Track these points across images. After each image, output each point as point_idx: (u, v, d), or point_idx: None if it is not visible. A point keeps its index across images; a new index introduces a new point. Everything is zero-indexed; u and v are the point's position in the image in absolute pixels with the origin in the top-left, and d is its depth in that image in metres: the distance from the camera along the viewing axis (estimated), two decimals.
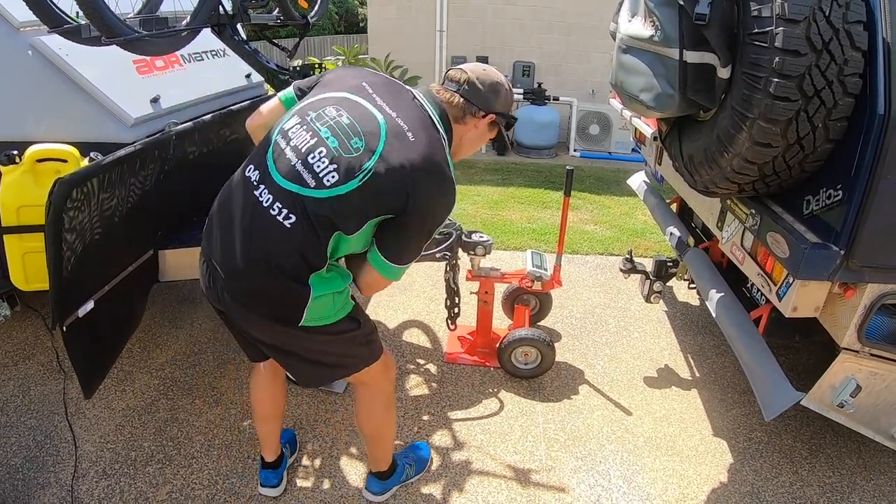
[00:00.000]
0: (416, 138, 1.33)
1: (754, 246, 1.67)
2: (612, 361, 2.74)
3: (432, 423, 2.35)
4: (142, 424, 2.21)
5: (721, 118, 1.47)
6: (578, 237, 4.13)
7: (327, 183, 1.28)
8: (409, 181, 1.29)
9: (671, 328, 3.04)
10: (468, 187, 5.19)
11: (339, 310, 1.43)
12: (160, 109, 2.33)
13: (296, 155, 1.33)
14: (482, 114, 1.46)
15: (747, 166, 1.42)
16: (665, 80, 1.50)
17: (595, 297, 3.33)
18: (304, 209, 1.30)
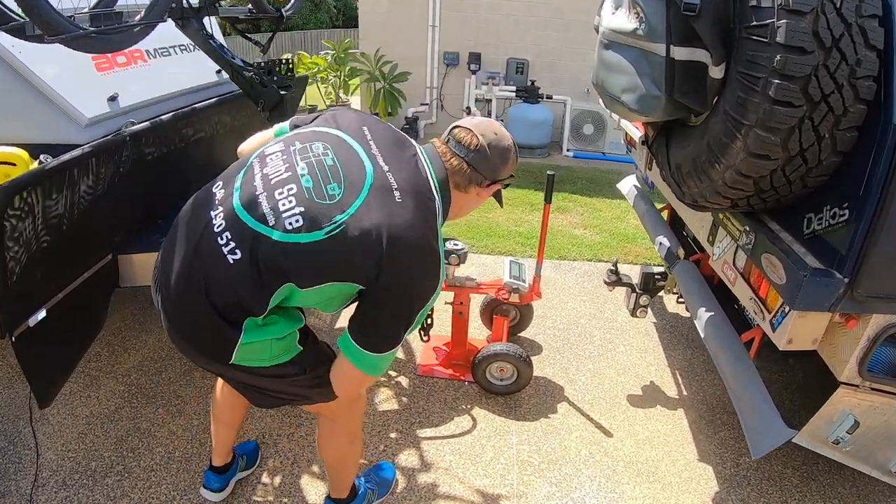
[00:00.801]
0: (404, 200, 1.13)
1: (747, 267, 1.48)
2: (594, 377, 2.55)
3: (400, 442, 2.17)
4: (104, 433, 2.11)
5: (713, 124, 1.28)
6: (566, 242, 3.94)
7: (288, 226, 1.09)
8: (382, 249, 1.08)
9: (659, 342, 2.85)
10: None
11: (278, 355, 1.24)
12: (118, 108, 2.19)
13: (263, 185, 1.16)
14: (487, 183, 1.29)
15: (741, 180, 1.22)
16: (650, 80, 1.31)
17: (580, 307, 3.14)
18: (253, 248, 1.11)
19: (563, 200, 4.71)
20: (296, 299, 1.18)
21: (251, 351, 1.18)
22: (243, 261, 1.11)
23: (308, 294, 1.14)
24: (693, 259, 2.21)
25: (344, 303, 1.23)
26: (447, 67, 6.36)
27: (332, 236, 1.07)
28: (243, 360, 1.19)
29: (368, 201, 1.10)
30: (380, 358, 1.16)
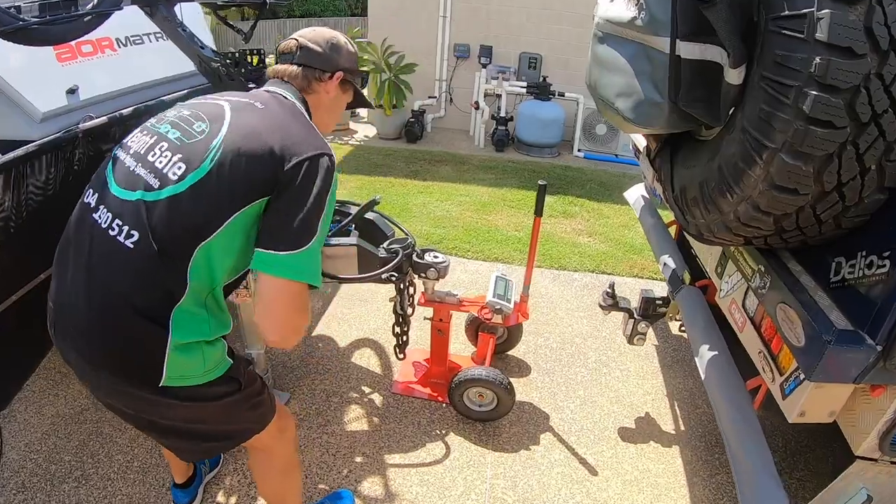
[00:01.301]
0: (267, 107, 1.14)
1: (759, 313, 1.21)
2: (584, 405, 2.30)
3: (365, 467, 1.96)
4: (67, 435, 2.04)
5: (727, 142, 1.02)
6: (568, 250, 3.67)
7: (174, 176, 1.04)
8: (269, 144, 1.05)
9: (659, 367, 2.59)
10: (456, 185, 4.74)
11: (212, 367, 1.13)
12: (77, 102, 2.02)
13: (135, 159, 1.10)
14: (328, 75, 1.27)
15: (758, 217, 0.97)
16: (650, 83, 1.06)
17: (577, 324, 2.89)
18: (149, 221, 1.03)
19: (568, 204, 4.43)
20: (214, 261, 1.06)
21: (183, 361, 1.06)
22: (143, 240, 1.02)
23: (222, 242, 1.04)
24: (699, 285, 1.95)
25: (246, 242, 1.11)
26: (457, 60, 6.08)
27: (218, 161, 1.03)
28: (174, 377, 1.06)
29: (235, 120, 1.08)
30: (304, 254, 1.03)
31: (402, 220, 3.96)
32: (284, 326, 1.06)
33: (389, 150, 5.62)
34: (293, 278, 1.03)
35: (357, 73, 1.34)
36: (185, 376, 1.09)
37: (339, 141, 5.95)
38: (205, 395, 1.13)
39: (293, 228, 1.03)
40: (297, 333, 1.11)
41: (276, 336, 1.07)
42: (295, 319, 1.07)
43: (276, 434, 1.35)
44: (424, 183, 4.77)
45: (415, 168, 5.15)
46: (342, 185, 4.62)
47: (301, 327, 1.10)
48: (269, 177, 1.03)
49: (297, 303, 1.06)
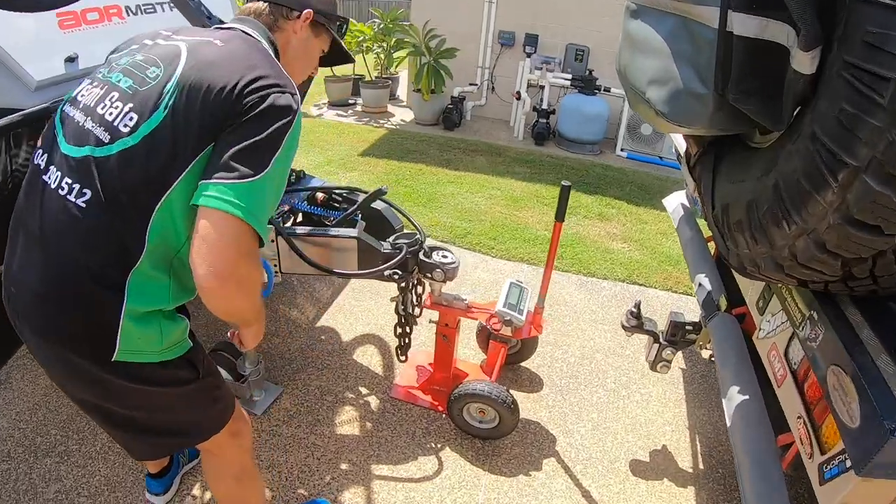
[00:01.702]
0: (227, 43, 1.02)
1: (803, 368, 0.97)
2: (596, 431, 2.08)
3: (349, 476, 1.82)
4: (55, 408, 2.00)
5: (788, 153, 0.78)
6: (599, 255, 3.41)
7: (125, 129, 0.94)
8: (227, 78, 0.93)
9: (684, 395, 2.33)
10: (488, 177, 4.51)
11: (170, 345, 1.05)
12: (76, 70, 1.91)
13: (84, 113, 1.00)
14: (296, 14, 1.16)
15: (823, 258, 0.73)
16: (691, 68, 0.83)
17: (600, 338, 2.65)
18: (100, 178, 0.94)
19: (605, 206, 4.14)
20: (178, 219, 0.96)
21: (138, 333, 0.98)
22: (94, 198, 0.93)
23: (184, 196, 0.94)
24: (737, 313, 1.68)
25: None
26: (501, 47, 5.80)
27: (172, 105, 0.93)
28: (129, 350, 0.98)
29: (191, 58, 0.97)
30: (247, 186, 0.88)
31: (427, 211, 3.79)
32: (220, 266, 0.87)
33: (424, 136, 5.43)
34: (232, 212, 0.87)
35: (333, 19, 1.22)
36: (139, 351, 1.00)
37: (375, 124, 5.80)
38: (160, 377, 1.05)
39: (238, 155, 0.90)
40: (241, 285, 0.92)
41: (207, 278, 0.88)
42: (236, 263, 0.89)
43: (229, 438, 1.25)
44: (456, 172, 4.57)
45: (448, 156, 4.95)
46: (363, 170, 4.47)
47: (247, 279, 0.93)
48: (226, 111, 0.92)
49: (240, 244, 0.89)
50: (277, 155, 0.92)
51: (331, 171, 4.43)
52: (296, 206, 1.98)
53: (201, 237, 0.88)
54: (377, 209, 1.98)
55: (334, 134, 5.39)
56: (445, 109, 5.63)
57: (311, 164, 4.52)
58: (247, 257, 0.91)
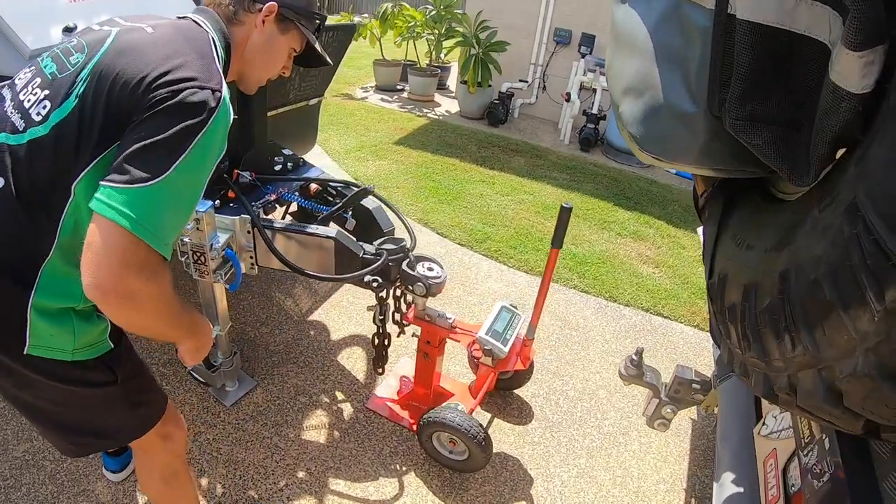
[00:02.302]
0: (157, 30, 0.93)
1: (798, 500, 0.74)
2: (580, 479, 1.87)
3: (303, 485, 1.71)
4: None
5: (813, 224, 0.54)
6: (625, 278, 3.14)
7: (38, 117, 0.88)
8: (142, 70, 0.83)
9: (688, 450, 2.07)
10: (523, 181, 4.28)
11: (84, 347, 0.97)
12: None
13: (10, 99, 0.95)
14: (259, 6, 1.05)
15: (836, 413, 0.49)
16: (677, 73, 0.60)
17: (606, 372, 2.41)
18: (12, 167, 0.88)
19: (642, 224, 3.84)
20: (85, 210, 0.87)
21: (49, 329, 0.92)
22: (5, 188, 0.88)
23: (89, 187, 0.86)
24: None
25: None
26: (556, 45, 5.50)
27: (82, 94, 0.86)
28: (40, 344, 0.92)
29: (112, 45, 0.89)
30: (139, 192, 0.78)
31: (450, 210, 3.61)
32: (103, 277, 0.79)
33: (465, 130, 5.24)
34: (118, 221, 0.77)
35: (305, 16, 1.10)
36: (51, 348, 0.94)
37: (418, 112, 5.65)
38: (73, 377, 0.99)
39: (134, 156, 0.80)
40: (130, 299, 0.81)
41: (90, 288, 0.79)
42: (121, 275, 0.79)
43: (158, 440, 1.19)
44: (490, 172, 4.37)
45: (485, 154, 4.75)
46: (393, 160, 4.32)
47: (138, 294, 0.82)
48: (132, 105, 0.83)
49: (127, 257, 0.79)
50: (182, 159, 0.80)
51: (360, 157, 4.32)
52: (284, 196, 1.85)
53: (87, 244, 0.80)
54: (367, 208, 1.83)
55: (374, 119, 5.28)
56: (490, 104, 5.41)
57: (342, 149, 4.42)
58: (136, 270, 0.80)
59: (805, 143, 0.53)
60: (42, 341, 0.92)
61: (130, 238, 0.78)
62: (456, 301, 2.70)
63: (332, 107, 5.57)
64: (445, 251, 3.15)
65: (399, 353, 2.31)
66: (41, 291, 0.90)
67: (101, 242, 0.78)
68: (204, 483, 1.68)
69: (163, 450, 1.23)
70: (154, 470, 1.28)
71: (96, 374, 1.01)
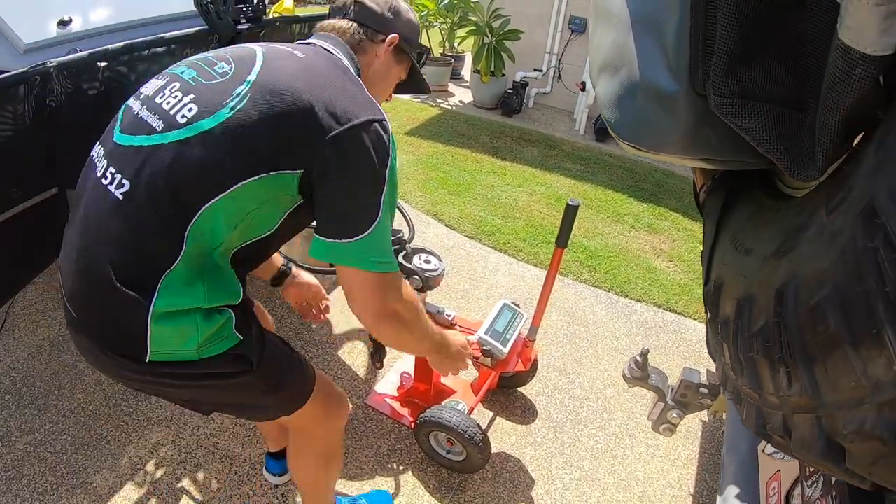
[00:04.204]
0: (308, 58, 0.95)
1: None
2: (582, 482, 1.80)
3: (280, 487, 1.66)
4: (46, 361, 2.01)
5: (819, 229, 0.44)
6: (638, 273, 3.03)
7: (182, 119, 0.86)
8: (308, 102, 0.85)
9: (697, 453, 1.98)
10: (535, 171, 4.17)
11: (208, 341, 0.92)
12: (68, 34, 1.86)
13: (142, 103, 0.93)
14: (381, 37, 1.10)
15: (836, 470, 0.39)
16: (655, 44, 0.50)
17: (615, 370, 2.32)
18: (144, 167, 0.86)
19: (657, 217, 3.71)
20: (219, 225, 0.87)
21: (168, 333, 0.88)
22: (134, 190, 0.86)
23: (231, 206, 0.86)
24: None
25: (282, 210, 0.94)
26: (572, 34, 5.33)
27: (240, 109, 0.85)
28: (161, 351, 0.89)
29: (268, 66, 0.90)
30: (367, 240, 0.89)
31: (460, 201, 3.53)
32: (374, 309, 0.94)
33: (478, 120, 5.13)
34: (362, 267, 0.90)
35: (416, 46, 1.17)
36: (174, 351, 0.91)
37: (431, 102, 5.56)
38: (201, 374, 0.94)
39: (352, 213, 0.88)
40: (397, 319, 0.97)
41: (371, 326, 0.99)
42: (384, 305, 0.94)
43: (321, 417, 1.18)
44: (502, 162, 4.27)
45: (498, 144, 4.64)
46: (403, 150, 4.25)
47: (402, 314, 0.98)
48: (305, 144, 0.85)
49: (382, 289, 0.93)
50: (384, 194, 0.89)
51: None
52: None
53: (348, 292, 0.93)
54: None
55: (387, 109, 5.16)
56: (504, 94, 5.29)
57: None
58: (391, 294, 0.94)
59: (811, 126, 0.43)
60: (164, 346, 0.89)
61: (375, 276, 0.90)
62: (462, 295, 2.63)
63: None
64: (453, 244, 3.08)
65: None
66: (161, 299, 0.86)
67: (358, 288, 0.92)
68: (200, 478, 1.67)
69: (323, 427, 1.21)
70: (310, 450, 1.26)
71: (227, 366, 0.97)
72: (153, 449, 1.73)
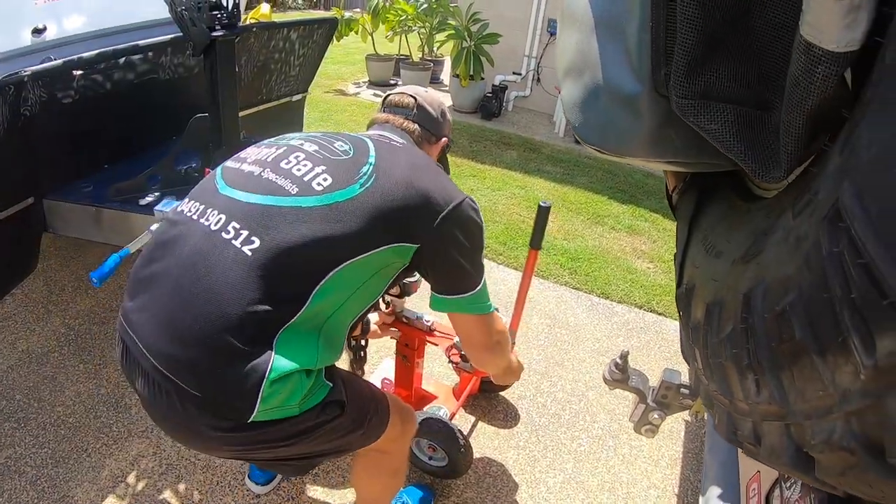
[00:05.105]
0: (405, 147, 1.12)
1: None
2: (566, 485, 1.79)
3: (280, 492, 1.67)
4: (27, 374, 2.01)
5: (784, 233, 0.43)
6: (618, 274, 3.04)
7: (318, 187, 0.94)
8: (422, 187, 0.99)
9: (681, 454, 1.99)
10: (515, 175, 4.19)
11: (308, 395, 0.94)
12: (43, 42, 1.86)
13: (259, 166, 1.00)
14: (436, 139, 1.25)
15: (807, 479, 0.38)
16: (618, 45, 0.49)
17: (597, 372, 2.33)
18: (274, 225, 0.89)
19: (637, 218, 3.74)
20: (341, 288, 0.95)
21: (279, 392, 0.89)
22: (265, 246, 0.88)
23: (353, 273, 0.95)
24: None
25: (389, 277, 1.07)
26: (550, 37, 5.38)
27: (369, 189, 0.95)
28: (267, 411, 0.89)
29: (380, 152, 1.03)
30: (483, 289, 1.10)
31: None
32: (485, 347, 1.18)
33: (457, 124, 5.13)
34: (479, 312, 1.12)
35: (451, 144, 1.33)
36: (277, 408, 0.91)
37: None
38: (301, 431, 0.96)
39: (466, 274, 1.06)
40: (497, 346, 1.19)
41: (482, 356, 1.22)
42: (490, 335, 1.16)
43: (397, 435, 1.22)
44: (481, 166, 4.27)
45: (477, 148, 4.65)
46: None
47: (500, 342, 1.20)
48: (423, 220, 0.98)
49: (492, 329, 1.16)
50: (482, 253, 1.09)
51: None
52: None
53: (465, 334, 1.17)
54: None
55: (367, 115, 5.18)
56: (483, 98, 5.30)
57: None
58: (496, 328, 1.17)
59: (776, 127, 0.42)
60: (269, 407, 0.89)
61: (485, 317, 1.13)
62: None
63: (324, 103, 5.48)
64: None
65: (382, 354, 2.24)
66: (278, 360, 0.87)
67: (476, 330, 1.14)
68: (181, 489, 1.63)
69: (397, 444, 1.24)
70: (387, 468, 1.28)
71: (322, 415, 0.99)
72: (134, 461, 1.70)
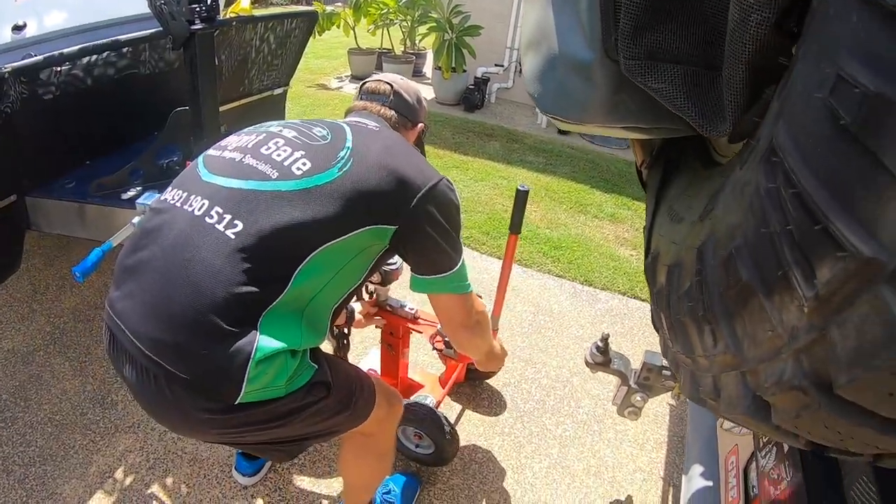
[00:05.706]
0: (381, 130, 1.13)
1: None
2: (552, 470, 1.81)
3: (267, 482, 1.66)
4: (13, 373, 1.99)
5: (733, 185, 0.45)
6: (602, 262, 3.07)
7: (297, 172, 0.97)
8: (399, 169, 1.01)
9: (666, 437, 2.02)
10: (498, 165, 4.20)
11: (294, 376, 0.96)
12: (23, 39, 1.85)
13: (240, 152, 1.02)
14: (412, 125, 1.28)
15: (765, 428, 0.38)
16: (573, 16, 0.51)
17: (581, 358, 2.35)
18: (257, 209, 0.92)
19: (620, 206, 3.77)
20: (324, 270, 0.97)
21: (264, 373, 0.90)
22: (247, 229, 0.90)
23: (335, 255, 0.97)
24: None
25: (373, 260, 1.08)
26: None
27: (347, 172, 0.98)
28: (253, 393, 0.91)
29: (357, 136, 1.05)
30: (461, 268, 1.12)
31: None
32: (463, 327, 1.19)
33: (440, 117, 5.13)
34: (458, 292, 1.13)
35: (426, 130, 1.35)
36: (263, 388, 0.92)
37: None
38: (288, 412, 0.98)
39: (445, 253, 1.06)
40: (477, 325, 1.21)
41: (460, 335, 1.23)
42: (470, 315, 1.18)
43: (384, 417, 1.22)
44: (464, 157, 4.28)
45: (460, 139, 4.65)
46: None
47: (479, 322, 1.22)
48: (400, 202, 1.00)
49: (471, 309, 1.17)
50: (460, 233, 1.09)
51: None
52: None
53: (444, 314, 1.18)
54: None
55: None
56: (466, 90, 5.30)
57: None
58: (475, 308, 1.19)
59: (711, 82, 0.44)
60: (255, 387, 0.90)
61: (464, 297, 1.14)
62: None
63: (306, 98, 5.43)
64: None
65: (368, 345, 2.24)
66: (263, 340, 0.89)
67: (454, 310, 1.16)
68: (169, 483, 1.63)
69: (384, 426, 1.24)
70: (372, 452, 1.29)
71: (308, 397, 1.00)
72: (121, 456, 1.69)
